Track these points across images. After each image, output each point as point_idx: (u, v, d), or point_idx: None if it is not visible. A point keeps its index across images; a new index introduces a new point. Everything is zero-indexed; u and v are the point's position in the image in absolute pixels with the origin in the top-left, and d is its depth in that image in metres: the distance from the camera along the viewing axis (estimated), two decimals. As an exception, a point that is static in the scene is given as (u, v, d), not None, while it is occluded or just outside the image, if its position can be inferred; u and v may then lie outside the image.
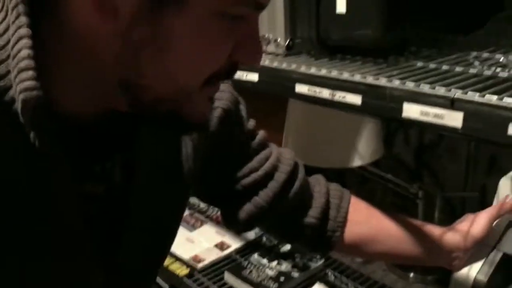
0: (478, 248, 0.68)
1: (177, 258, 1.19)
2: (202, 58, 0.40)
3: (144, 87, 0.40)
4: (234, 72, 0.44)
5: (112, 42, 0.38)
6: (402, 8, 0.66)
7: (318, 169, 0.88)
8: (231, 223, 0.66)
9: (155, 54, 0.39)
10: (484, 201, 1.09)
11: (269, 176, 0.63)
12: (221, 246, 1.23)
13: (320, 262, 1.12)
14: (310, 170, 0.73)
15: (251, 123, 0.64)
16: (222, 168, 0.62)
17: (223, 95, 0.59)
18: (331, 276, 1.09)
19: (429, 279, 1.04)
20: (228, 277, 1.08)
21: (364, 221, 0.68)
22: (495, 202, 0.71)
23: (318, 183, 0.69)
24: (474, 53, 0.65)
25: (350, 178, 1.27)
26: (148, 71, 0.39)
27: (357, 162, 0.98)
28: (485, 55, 0.65)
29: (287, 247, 1.19)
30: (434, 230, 0.69)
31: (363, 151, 0.98)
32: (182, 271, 1.13)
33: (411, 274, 1.06)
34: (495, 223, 0.67)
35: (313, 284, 1.05)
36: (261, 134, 0.65)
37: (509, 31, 0.75)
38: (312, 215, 0.66)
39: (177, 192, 0.55)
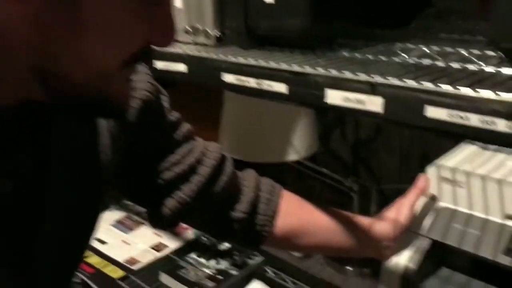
0: (405, 236, 0.69)
1: (112, 261, 1.14)
2: (117, 41, 0.38)
3: (60, 74, 0.38)
4: (150, 54, 0.42)
5: (23, 28, 0.35)
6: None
7: (255, 164, 0.87)
8: (156, 220, 0.64)
9: (69, 39, 0.36)
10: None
11: (192, 170, 0.61)
12: (158, 247, 1.20)
13: (259, 259, 1.11)
14: (247, 166, 0.72)
15: (174, 115, 0.62)
16: (142, 161, 0.60)
17: (141, 85, 0.56)
18: (270, 272, 1.08)
19: (366, 272, 1.05)
20: (164, 278, 1.05)
21: (294, 214, 0.67)
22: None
23: (248, 177, 0.68)
24: (400, 45, 0.67)
25: (287, 173, 1.27)
26: (63, 57, 0.37)
27: (292, 157, 0.98)
28: (410, 46, 0.66)
29: (225, 245, 1.17)
30: (363, 221, 0.69)
31: (299, 146, 0.98)
32: (117, 273, 1.09)
33: (349, 268, 1.08)
34: (417, 208, 0.69)
35: (251, 281, 1.04)
36: (185, 126, 0.63)
37: (436, 27, 0.77)
38: (240, 210, 0.64)
39: (95, 185, 0.52)
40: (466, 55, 0.59)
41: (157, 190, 0.61)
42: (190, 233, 1.25)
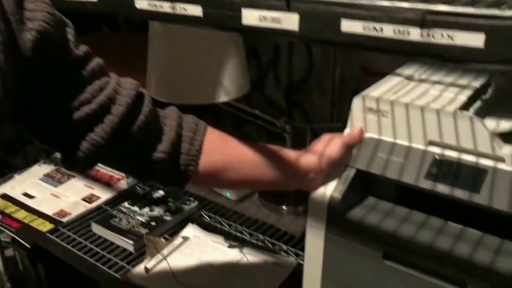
0: (335, 169, 0.69)
1: (40, 215, 1.09)
2: None
3: None
4: None
5: None
6: None
7: (185, 106, 0.83)
8: (70, 163, 0.60)
9: None
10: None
11: (105, 109, 0.57)
12: (89, 198, 1.16)
13: (194, 204, 1.10)
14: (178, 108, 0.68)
15: (81, 49, 0.56)
16: (46, 100, 0.54)
17: (37, 15, 0.50)
18: (205, 216, 1.07)
19: (300, 210, 1.06)
20: (95, 227, 1.02)
21: (218, 150, 0.65)
22: (349, 121, 0.72)
23: (170, 115, 0.64)
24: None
25: (218, 115, 1.25)
26: None
27: (223, 98, 0.96)
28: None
29: (160, 192, 1.15)
30: (289, 153, 0.68)
31: (229, 86, 0.95)
32: (45, 227, 1.05)
33: (283, 207, 1.08)
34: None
35: (186, 226, 1.02)
36: (95, 61, 0.57)
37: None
38: (161, 150, 0.61)
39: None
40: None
41: (67, 132, 0.56)
42: (123, 183, 1.22)
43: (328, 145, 0.69)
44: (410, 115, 0.66)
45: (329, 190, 0.68)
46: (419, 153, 0.66)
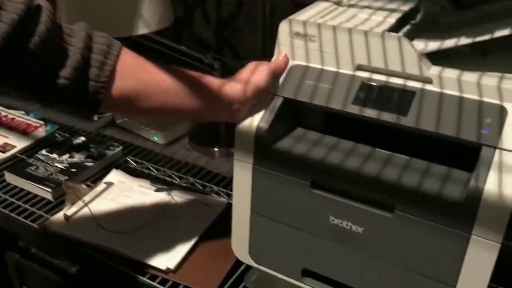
0: (261, 99, 0.65)
1: None
2: None
3: None
4: None
5: None
6: None
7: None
8: None
9: None
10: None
11: None
12: (3, 148, 1.06)
13: (118, 149, 1.03)
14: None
15: None
16: None
17: None
18: (131, 162, 1.01)
19: (232, 151, 1.02)
20: (9, 177, 0.94)
21: (132, 75, 0.58)
22: (276, 48, 0.68)
23: (77, 34, 0.56)
24: None
25: (142, 52, 1.17)
26: None
27: (142, 30, 0.88)
28: None
29: (81, 139, 1.07)
30: (212, 81, 0.63)
31: (149, 18, 0.88)
32: (-49, 179, 0.95)
33: (215, 149, 1.04)
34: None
35: (110, 171, 0.96)
36: None
37: None
38: (63, 76, 0.54)
39: None
40: None
41: None
42: (41, 131, 1.13)
43: (254, 73, 0.65)
44: (338, 39, 0.63)
45: (255, 120, 0.64)
46: (347, 78, 0.63)
